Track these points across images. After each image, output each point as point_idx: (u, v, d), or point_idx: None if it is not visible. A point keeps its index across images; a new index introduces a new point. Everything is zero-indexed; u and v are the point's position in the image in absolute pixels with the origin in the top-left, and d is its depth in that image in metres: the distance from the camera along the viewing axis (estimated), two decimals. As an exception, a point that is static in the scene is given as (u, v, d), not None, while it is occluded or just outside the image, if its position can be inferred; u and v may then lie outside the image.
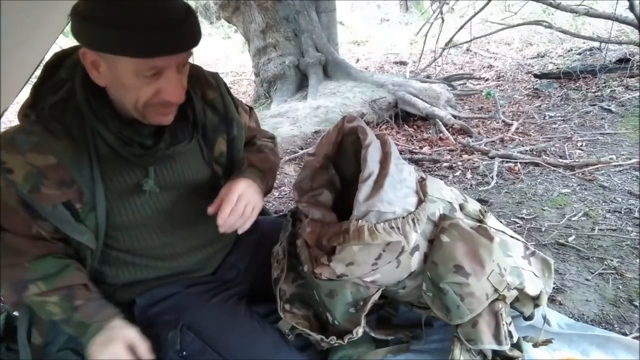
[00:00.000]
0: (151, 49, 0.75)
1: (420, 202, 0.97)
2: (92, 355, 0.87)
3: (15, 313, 1.52)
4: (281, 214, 1.32)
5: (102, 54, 0.78)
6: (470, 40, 5.50)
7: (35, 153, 0.83)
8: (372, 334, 1.15)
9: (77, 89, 0.84)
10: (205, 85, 1.01)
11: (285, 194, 2.50)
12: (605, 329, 1.33)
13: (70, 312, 0.90)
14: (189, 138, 0.95)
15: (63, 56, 0.90)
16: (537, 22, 4.59)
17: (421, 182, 1.02)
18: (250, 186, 1.00)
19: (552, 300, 1.46)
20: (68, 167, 0.84)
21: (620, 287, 1.51)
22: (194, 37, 0.80)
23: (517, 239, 1.13)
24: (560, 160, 2.59)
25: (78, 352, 1.02)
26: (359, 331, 1.02)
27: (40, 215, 0.87)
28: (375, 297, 1.03)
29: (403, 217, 0.92)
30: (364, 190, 0.90)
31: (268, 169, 1.13)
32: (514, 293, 1.04)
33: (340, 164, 1.12)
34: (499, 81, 4.73)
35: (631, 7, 3.31)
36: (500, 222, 1.19)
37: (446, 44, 4.94)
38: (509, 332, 1.01)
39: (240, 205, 0.95)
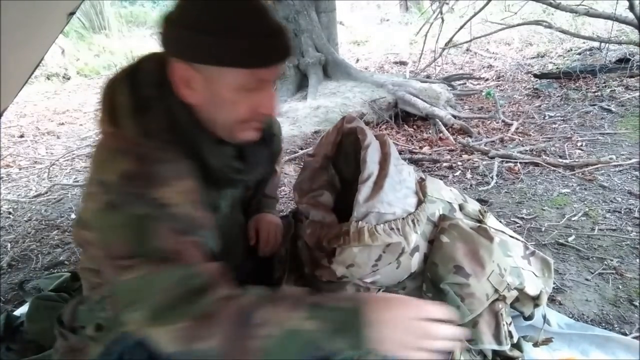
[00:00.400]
0: (266, 57, 0.72)
1: (420, 202, 0.97)
2: (392, 322, 0.63)
3: (16, 313, 1.52)
4: (282, 214, 1.32)
5: (202, 67, 0.71)
6: (470, 40, 5.50)
7: (178, 180, 0.74)
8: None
9: (179, 113, 0.76)
10: None
11: (285, 194, 2.49)
12: (605, 328, 1.33)
13: (328, 313, 0.64)
14: (266, 157, 0.95)
15: (123, 77, 0.79)
16: (537, 22, 4.59)
17: (421, 183, 1.02)
18: (278, 220, 1.18)
19: (552, 300, 1.46)
20: (198, 187, 0.78)
21: (620, 287, 1.51)
22: (292, 45, 0.78)
23: (517, 239, 1.13)
24: (560, 160, 2.59)
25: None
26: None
27: (202, 242, 0.75)
28: (376, 297, 1.03)
29: (403, 218, 0.92)
30: (363, 191, 0.90)
31: (277, 193, 1.28)
32: (514, 293, 1.04)
33: (339, 164, 1.12)
34: (498, 81, 4.73)
35: (631, 7, 3.32)
36: (500, 222, 1.20)
37: (446, 44, 4.94)
38: (509, 332, 1.01)
39: (276, 240, 1.15)
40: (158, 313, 0.65)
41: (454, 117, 3.46)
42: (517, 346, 1.08)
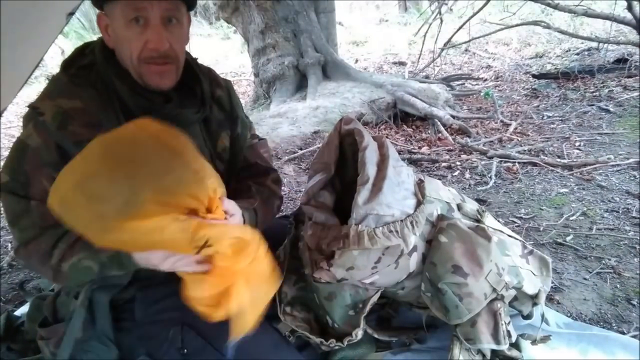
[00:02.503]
0: None
1: (419, 204, 0.97)
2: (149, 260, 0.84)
3: (17, 313, 1.52)
4: (282, 215, 1.32)
5: (107, 8, 0.88)
6: (469, 41, 5.52)
7: (64, 98, 0.89)
8: (375, 335, 1.15)
9: (98, 52, 0.93)
10: (214, 83, 1.07)
11: (285, 194, 2.50)
12: (603, 327, 1.33)
13: (97, 256, 0.86)
14: (196, 109, 1.00)
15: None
16: (535, 23, 4.61)
17: (419, 184, 1.03)
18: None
19: (550, 299, 1.47)
20: (94, 111, 0.90)
21: (618, 286, 1.52)
22: None
23: (514, 237, 1.13)
24: (559, 160, 2.60)
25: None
26: (359, 333, 1.03)
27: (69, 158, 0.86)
28: (375, 298, 1.03)
29: (402, 220, 0.93)
30: (362, 193, 0.90)
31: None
32: (513, 292, 1.04)
33: (338, 165, 1.13)
34: (497, 81, 4.74)
35: (629, 8, 3.33)
36: (499, 221, 1.20)
37: (445, 44, 4.96)
38: (508, 331, 1.02)
39: None
40: None
41: (453, 117, 3.47)
42: (515, 345, 1.08)
